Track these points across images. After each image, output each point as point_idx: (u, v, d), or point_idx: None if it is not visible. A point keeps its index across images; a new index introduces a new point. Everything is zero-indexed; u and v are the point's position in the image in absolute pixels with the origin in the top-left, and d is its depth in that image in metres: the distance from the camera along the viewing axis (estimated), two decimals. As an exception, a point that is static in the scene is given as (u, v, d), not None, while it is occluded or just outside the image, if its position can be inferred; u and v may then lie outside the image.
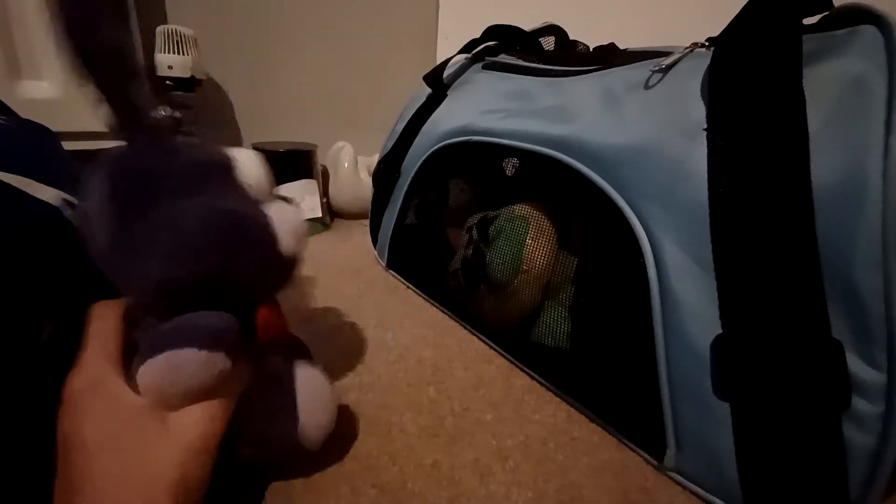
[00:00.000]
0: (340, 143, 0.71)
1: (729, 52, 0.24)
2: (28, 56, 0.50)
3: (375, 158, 0.74)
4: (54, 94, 0.52)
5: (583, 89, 0.32)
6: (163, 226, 0.19)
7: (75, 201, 0.23)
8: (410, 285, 0.48)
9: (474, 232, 0.38)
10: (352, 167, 0.69)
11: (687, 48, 0.28)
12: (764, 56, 0.22)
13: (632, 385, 0.26)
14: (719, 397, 0.22)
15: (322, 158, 0.72)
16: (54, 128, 0.30)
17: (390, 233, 0.49)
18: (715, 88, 0.24)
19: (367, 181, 0.70)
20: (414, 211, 0.47)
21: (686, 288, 0.23)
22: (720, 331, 0.22)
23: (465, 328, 0.40)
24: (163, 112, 0.61)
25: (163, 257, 0.19)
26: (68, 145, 0.30)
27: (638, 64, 0.30)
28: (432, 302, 0.45)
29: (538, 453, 0.27)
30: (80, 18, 0.18)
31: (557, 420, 0.30)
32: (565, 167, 0.29)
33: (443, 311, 0.43)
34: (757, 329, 0.21)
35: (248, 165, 0.22)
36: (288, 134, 0.75)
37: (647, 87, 0.28)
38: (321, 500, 0.23)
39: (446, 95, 0.46)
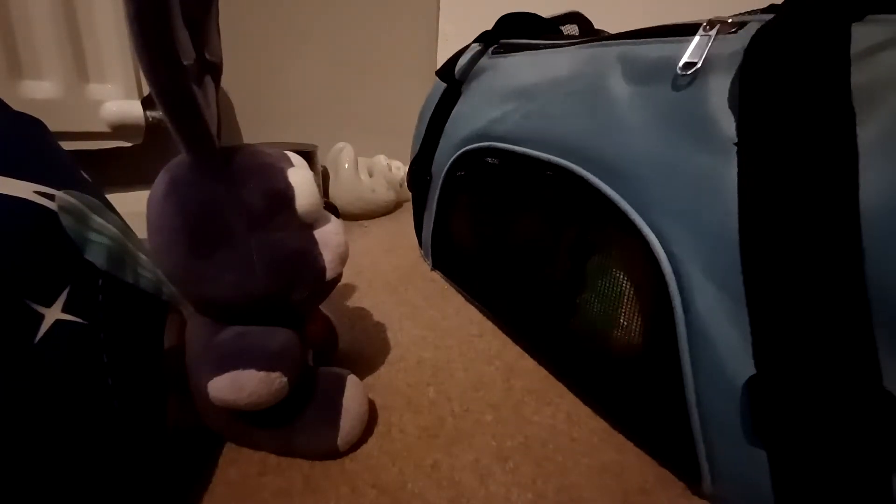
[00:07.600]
0: (341, 144, 0.71)
1: (764, 49, 0.20)
2: (29, 56, 0.50)
3: (376, 159, 0.74)
4: (55, 94, 0.52)
5: (596, 72, 0.29)
6: (233, 264, 0.22)
7: (52, 192, 0.23)
8: (459, 287, 0.47)
9: (569, 257, 0.32)
10: (352, 168, 0.69)
11: (709, 27, 0.23)
12: (804, 54, 0.19)
13: (663, 418, 0.25)
14: (755, 441, 0.20)
15: (322, 159, 0.72)
16: (54, 128, 0.30)
17: (430, 236, 0.49)
18: (746, 94, 0.20)
19: (368, 182, 0.70)
20: (451, 214, 0.46)
21: (716, 322, 0.21)
22: (754, 370, 0.20)
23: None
24: (160, 115, 0.61)
25: (232, 286, 0.22)
26: (69, 145, 0.30)
27: (653, 45, 0.26)
28: (431, 303, 0.45)
29: (538, 454, 0.27)
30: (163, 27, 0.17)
31: (557, 421, 0.30)
32: (579, 178, 0.28)
33: (442, 314, 0.43)
34: (794, 372, 0.18)
35: (303, 188, 0.23)
36: (288, 134, 0.75)
37: (663, 82, 0.24)
38: (321, 500, 0.23)
39: (461, 91, 0.44)
